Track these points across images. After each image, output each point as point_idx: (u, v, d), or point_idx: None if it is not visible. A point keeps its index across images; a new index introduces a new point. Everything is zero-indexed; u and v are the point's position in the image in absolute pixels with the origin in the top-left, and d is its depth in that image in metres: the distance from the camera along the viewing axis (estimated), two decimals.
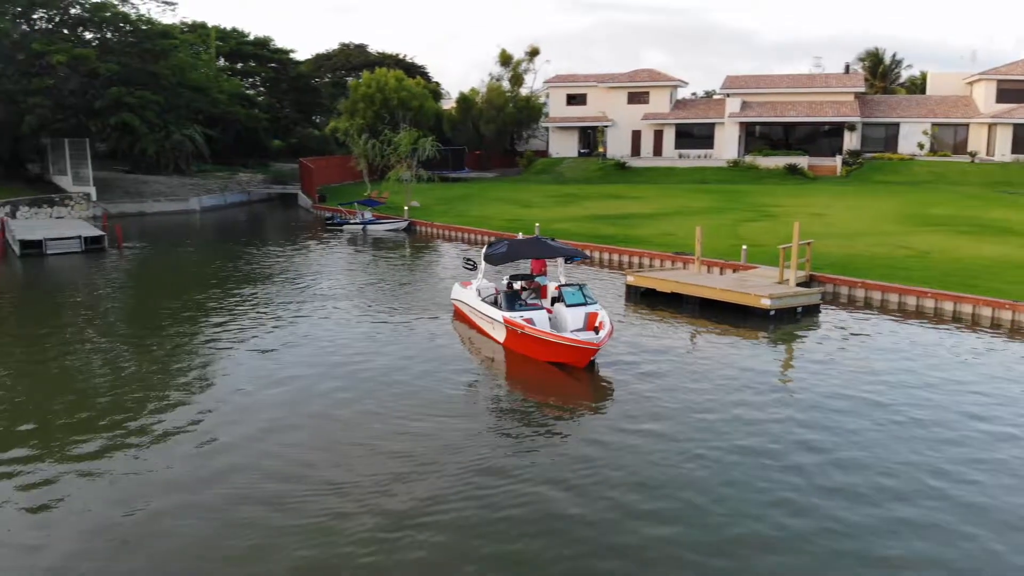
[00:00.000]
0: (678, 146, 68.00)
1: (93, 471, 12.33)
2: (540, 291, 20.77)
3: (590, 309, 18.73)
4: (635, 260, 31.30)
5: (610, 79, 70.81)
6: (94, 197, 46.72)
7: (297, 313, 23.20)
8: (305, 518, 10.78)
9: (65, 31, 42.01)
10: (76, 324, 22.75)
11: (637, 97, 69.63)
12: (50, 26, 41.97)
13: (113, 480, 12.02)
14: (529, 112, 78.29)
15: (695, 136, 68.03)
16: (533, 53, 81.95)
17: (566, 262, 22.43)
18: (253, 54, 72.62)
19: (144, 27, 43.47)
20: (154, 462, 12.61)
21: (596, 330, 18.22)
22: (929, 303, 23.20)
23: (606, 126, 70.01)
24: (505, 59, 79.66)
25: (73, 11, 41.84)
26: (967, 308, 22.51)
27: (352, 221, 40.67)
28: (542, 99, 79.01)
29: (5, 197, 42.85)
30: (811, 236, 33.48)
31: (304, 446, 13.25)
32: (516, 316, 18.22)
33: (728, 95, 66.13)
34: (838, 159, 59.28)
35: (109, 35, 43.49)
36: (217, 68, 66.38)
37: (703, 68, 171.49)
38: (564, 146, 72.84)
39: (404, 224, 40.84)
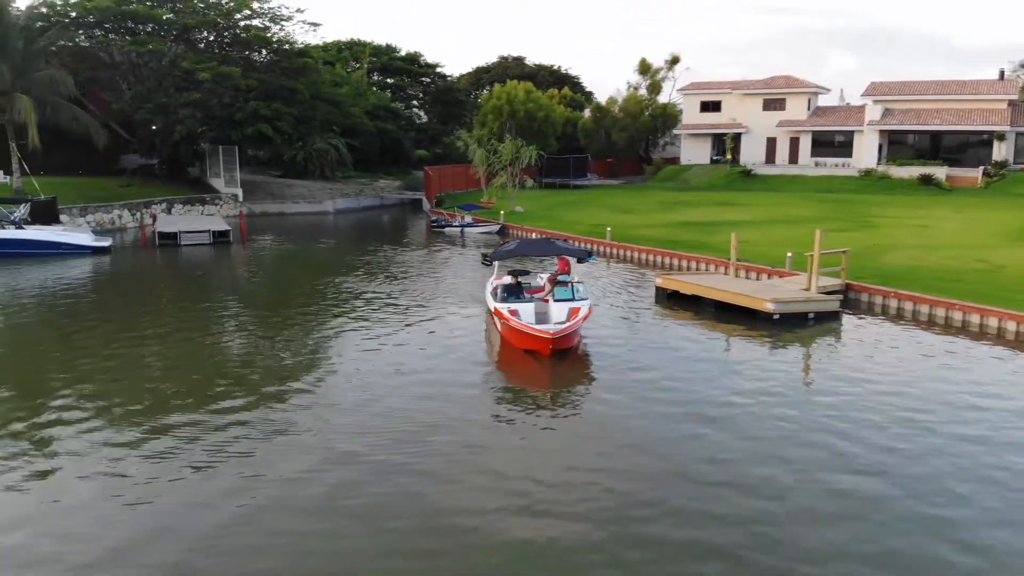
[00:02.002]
0: (815, 154, 66.20)
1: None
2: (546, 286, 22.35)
3: (575, 304, 20.05)
4: (684, 263, 32.06)
5: (745, 86, 69.98)
6: (241, 198, 52.64)
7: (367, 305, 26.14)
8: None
9: (216, 50, 47.97)
10: (176, 302, 26.85)
11: (773, 104, 68.41)
12: (201, 46, 48.11)
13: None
14: (665, 120, 78.59)
15: (833, 144, 65.99)
16: (674, 61, 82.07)
17: (578, 262, 23.81)
18: (402, 68, 77.85)
19: (284, 47, 48.84)
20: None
21: None
22: (957, 315, 22.63)
23: (739, 133, 69.25)
24: (644, 68, 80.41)
25: (226, 34, 47.85)
26: (992, 321, 21.83)
27: (453, 224, 43.59)
28: (679, 107, 79.05)
29: (165, 196, 49.40)
30: (898, 247, 33.01)
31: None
32: (504, 307, 19.96)
33: (873, 102, 63.62)
34: (980, 170, 55.67)
35: (253, 55, 49.19)
36: (367, 82, 71.90)
37: (884, 72, 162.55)
38: (696, 153, 72.70)
39: (497, 227, 43.26)
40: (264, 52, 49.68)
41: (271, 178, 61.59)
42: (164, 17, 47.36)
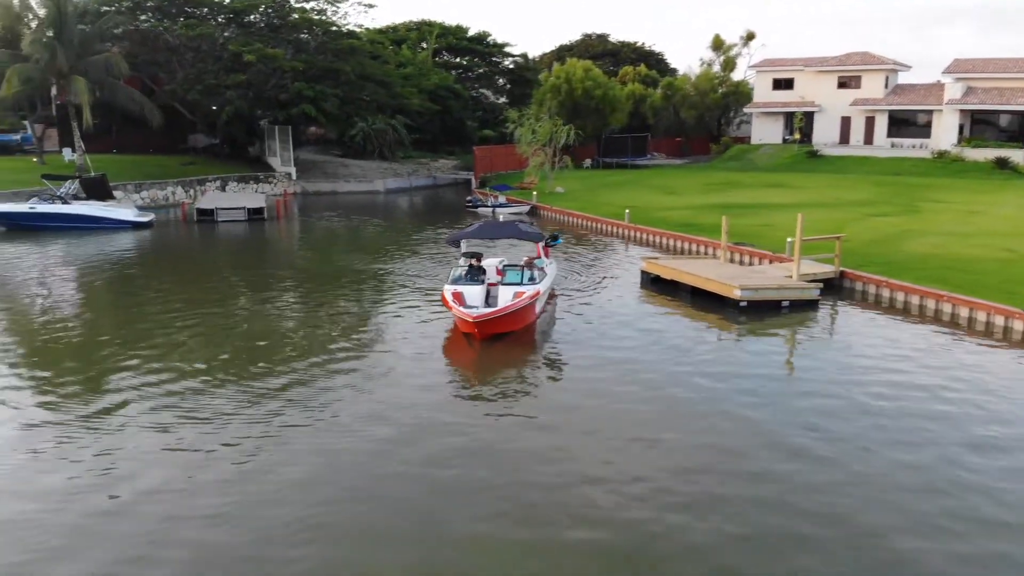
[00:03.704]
0: (891, 134, 62.87)
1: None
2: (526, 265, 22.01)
3: (522, 288, 19.80)
4: (688, 246, 31.19)
5: (819, 63, 66.93)
6: (295, 176, 54.21)
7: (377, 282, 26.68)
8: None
9: (266, 33, 49.41)
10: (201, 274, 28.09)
11: (848, 81, 65.23)
12: (251, 29, 49.64)
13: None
14: (737, 98, 76.18)
15: (912, 124, 62.45)
16: (749, 37, 79.56)
17: (546, 245, 23.49)
18: (469, 48, 77.94)
19: (332, 29, 49.84)
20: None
21: None
22: (947, 307, 21.23)
23: (812, 112, 66.41)
24: (717, 44, 78.15)
25: (274, 17, 49.25)
26: (981, 315, 20.37)
27: (486, 204, 43.64)
28: (752, 84, 76.42)
29: (222, 174, 51.40)
30: (928, 234, 31.21)
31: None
32: (450, 289, 19.93)
33: (954, 80, 59.75)
34: None
35: (302, 36, 50.36)
36: (432, 63, 72.40)
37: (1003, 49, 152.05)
38: (767, 132, 70.13)
39: (527, 208, 43.06)
40: (313, 34, 50.79)
41: (332, 158, 63.09)
42: (215, 1, 49.16)
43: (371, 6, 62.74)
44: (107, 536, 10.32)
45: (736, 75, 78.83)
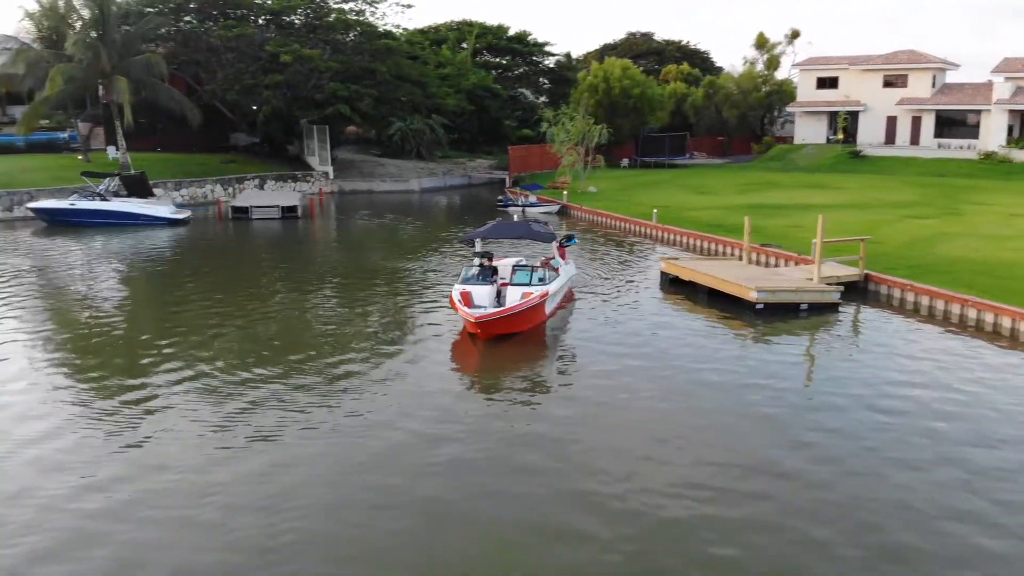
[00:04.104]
0: (938, 134, 61.21)
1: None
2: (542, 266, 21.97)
3: (530, 289, 19.69)
4: (712, 247, 30.81)
5: (864, 61, 65.49)
6: (331, 175, 54.84)
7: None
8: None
9: (304, 34, 50.08)
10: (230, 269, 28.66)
11: (894, 80, 63.68)
12: (290, 30, 50.35)
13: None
14: (781, 97, 74.93)
15: (960, 124, 60.74)
16: (794, 35, 78.22)
17: (561, 245, 23.37)
18: (508, 48, 77.91)
19: (367, 29, 50.31)
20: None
21: None
22: (971, 312, 20.60)
23: (857, 111, 65.02)
24: (761, 42, 76.95)
25: (311, 18, 49.98)
26: (1006, 321, 19.73)
27: (516, 203, 43.59)
28: (796, 83, 75.09)
29: (260, 172, 52.22)
30: (964, 237, 30.41)
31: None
32: (458, 288, 19.92)
33: (1004, 79, 57.97)
34: None
35: (339, 37, 50.91)
36: (471, 63, 72.54)
37: None
38: (810, 132, 68.79)
39: (556, 208, 42.92)
40: (350, 34, 51.32)
41: (370, 157, 63.64)
42: (254, 3, 50.01)
43: (408, 6, 63.20)
44: (136, 522, 10.73)
45: (781, 74, 77.59)
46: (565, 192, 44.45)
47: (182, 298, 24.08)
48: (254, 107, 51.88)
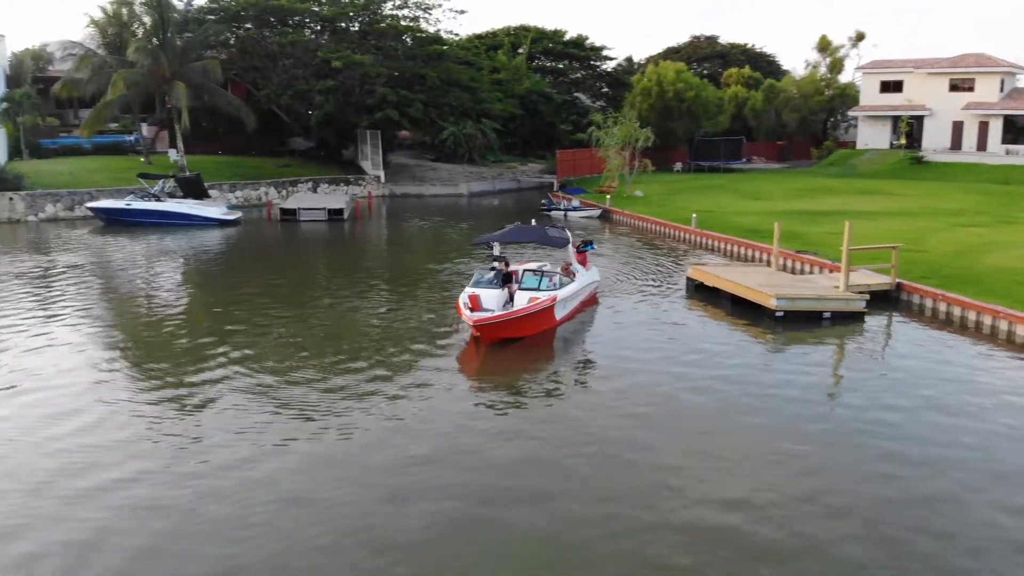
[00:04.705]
0: (1007, 140, 58.91)
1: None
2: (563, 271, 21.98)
3: (538, 294, 19.60)
4: (747, 252, 30.25)
5: (930, 64, 63.43)
6: (383, 179, 55.69)
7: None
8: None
9: (357, 40, 51.04)
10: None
11: (960, 84, 61.51)
12: (343, 36, 51.35)
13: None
14: (844, 101, 73.05)
15: None
16: (859, 38, 76.04)
17: (579, 251, 23.29)
18: (564, 52, 77.87)
19: (419, 35, 51.06)
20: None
21: None
22: (1003, 324, 19.83)
23: (922, 116, 62.97)
24: (824, 45, 75.15)
25: (362, 24, 51.03)
26: None
27: (559, 207, 43.56)
28: (860, 87, 73.16)
29: (314, 175, 53.39)
30: (1015, 246, 29.04)
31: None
32: (466, 292, 19.89)
33: None
34: None
35: (390, 43, 51.75)
36: (526, 67, 72.74)
37: None
38: (873, 137, 66.87)
39: (598, 212, 42.76)
40: (404, 40, 52.12)
41: (423, 161, 64.38)
42: (311, 10, 51.23)
43: (461, 12, 63.90)
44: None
45: (844, 77, 75.64)
46: (608, 196, 44.24)
47: (223, 296, 25.23)
48: (309, 112, 53.05)
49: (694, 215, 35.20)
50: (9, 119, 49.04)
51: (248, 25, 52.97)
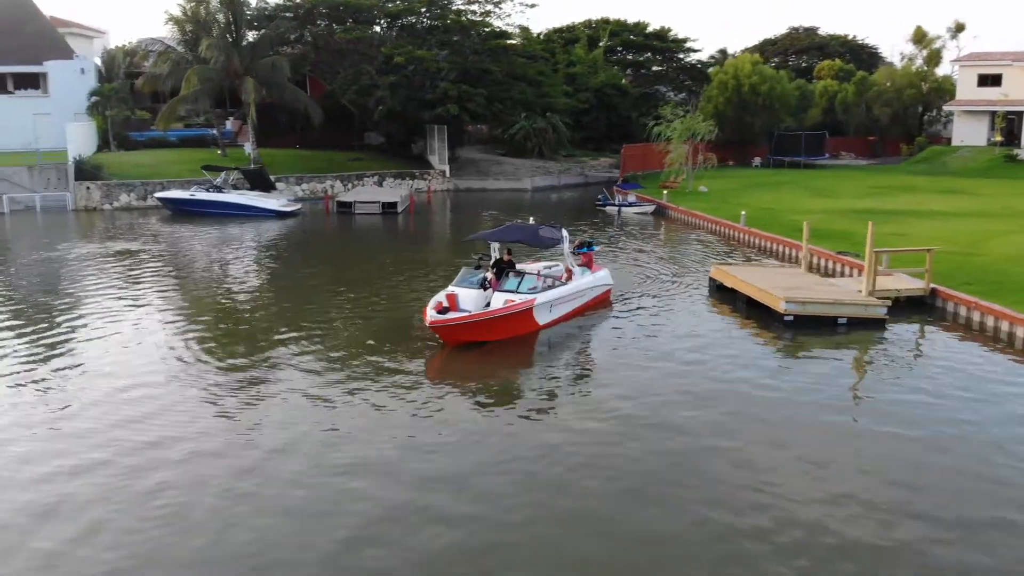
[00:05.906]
0: None
1: None
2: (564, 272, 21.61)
3: (515, 296, 18.97)
4: (788, 251, 28.89)
5: None
6: (448, 174, 56.07)
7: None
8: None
9: (424, 36, 51.56)
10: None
11: None
12: (410, 32, 51.91)
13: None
14: (940, 95, 69.13)
15: None
16: (959, 29, 71.86)
17: (580, 250, 22.74)
18: (645, 45, 76.53)
19: (484, 30, 51.08)
20: None
21: None
22: None
23: (1020, 111, 58.93)
24: (919, 36, 71.40)
25: (428, 19, 51.53)
26: None
27: (613, 203, 42.85)
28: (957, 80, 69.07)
29: (381, 169, 54.26)
30: None
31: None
32: (444, 291, 19.41)
33: None
34: None
35: (455, 38, 52.00)
36: (604, 60, 71.90)
37: None
38: (970, 133, 63.00)
39: (651, 208, 41.84)
40: (466, 35, 52.28)
41: (492, 156, 64.44)
42: (380, 5, 52.12)
43: (532, 5, 63.54)
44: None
45: (942, 70, 71.66)
46: (665, 192, 43.23)
47: (260, 282, 26.79)
48: (379, 107, 53.82)
49: (743, 213, 34.01)
50: (99, 112, 51.82)
51: (319, 22, 54.22)
